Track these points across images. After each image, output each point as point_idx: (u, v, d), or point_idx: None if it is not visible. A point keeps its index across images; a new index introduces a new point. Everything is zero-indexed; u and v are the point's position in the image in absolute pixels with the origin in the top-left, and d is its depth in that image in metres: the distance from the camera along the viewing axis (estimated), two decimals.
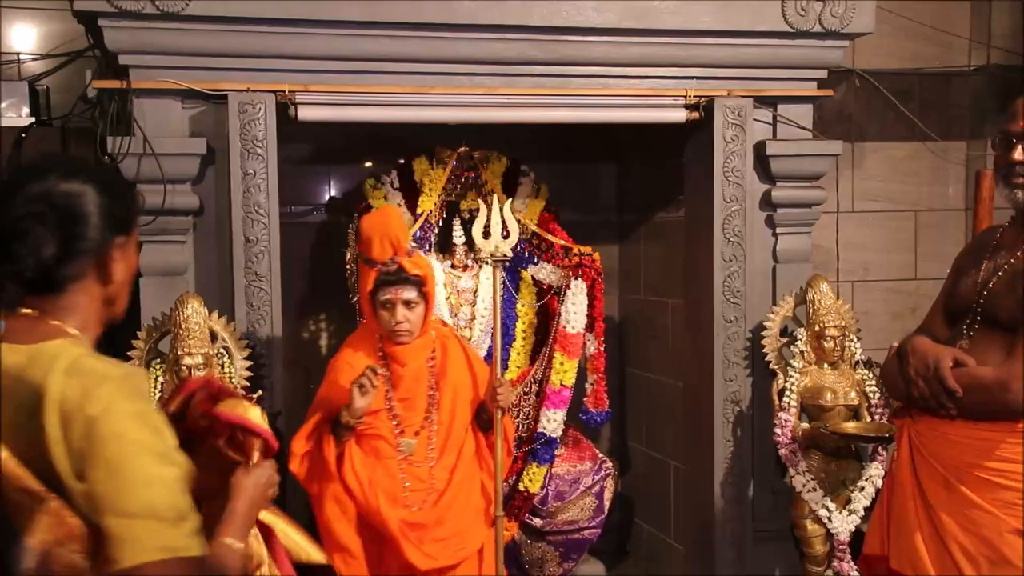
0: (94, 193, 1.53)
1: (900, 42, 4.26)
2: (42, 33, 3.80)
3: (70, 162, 1.59)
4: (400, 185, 3.84)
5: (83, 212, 1.52)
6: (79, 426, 1.39)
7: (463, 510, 2.95)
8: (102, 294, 1.58)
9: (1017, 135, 2.34)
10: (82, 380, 1.42)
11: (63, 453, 1.40)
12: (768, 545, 3.67)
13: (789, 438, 3.46)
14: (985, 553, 2.32)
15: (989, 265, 2.44)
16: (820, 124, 3.86)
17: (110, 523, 1.40)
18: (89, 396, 1.40)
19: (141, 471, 1.41)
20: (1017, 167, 2.33)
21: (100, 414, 1.40)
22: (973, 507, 2.34)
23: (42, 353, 1.46)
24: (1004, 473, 2.31)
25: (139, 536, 1.40)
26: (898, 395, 2.51)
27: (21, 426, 1.42)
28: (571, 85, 3.50)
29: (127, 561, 1.39)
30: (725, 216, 3.57)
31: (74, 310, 1.54)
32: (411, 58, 3.32)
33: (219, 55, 3.20)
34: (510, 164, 3.95)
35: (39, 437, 1.40)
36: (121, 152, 3.12)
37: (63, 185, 1.51)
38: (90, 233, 1.52)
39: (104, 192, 1.55)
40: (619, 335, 4.49)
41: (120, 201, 1.59)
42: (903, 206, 4.38)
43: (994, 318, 2.37)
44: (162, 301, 3.16)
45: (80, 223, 1.51)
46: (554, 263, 3.90)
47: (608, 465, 3.99)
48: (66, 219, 1.50)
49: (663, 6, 3.43)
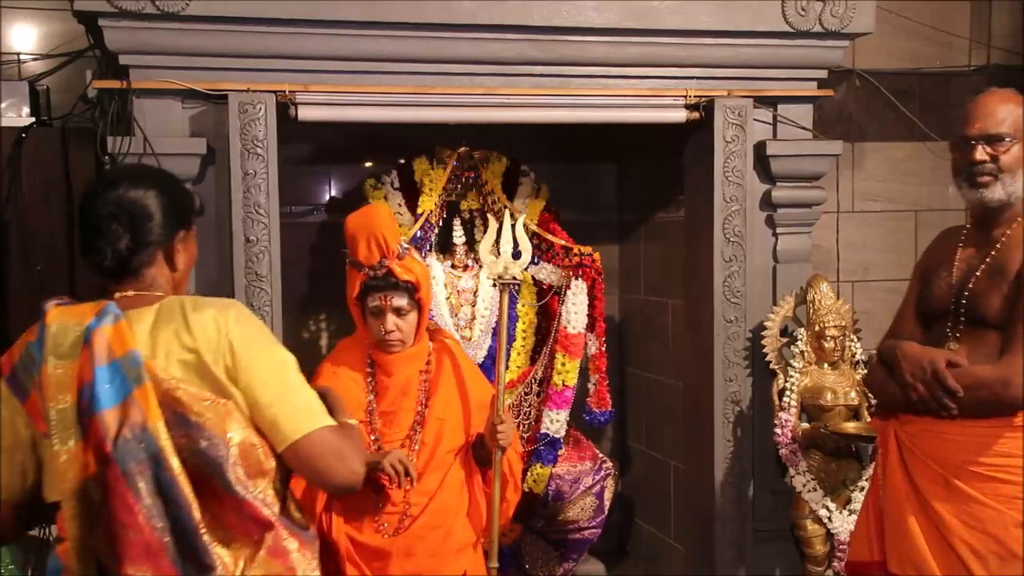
0: (157, 195, 1.87)
1: (900, 42, 4.26)
2: (42, 33, 3.80)
3: (138, 170, 1.99)
4: (400, 185, 3.85)
5: (148, 212, 1.86)
6: (225, 344, 1.77)
7: (439, 545, 2.65)
8: (170, 279, 1.92)
9: (975, 137, 2.44)
10: (211, 311, 1.80)
11: (221, 367, 1.77)
12: (768, 545, 3.67)
13: (789, 438, 3.46)
14: (993, 549, 2.34)
15: (961, 266, 2.50)
16: (820, 124, 3.86)
17: (272, 411, 1.79)
18: (224, 322, 1.79)
19: (279, 366, 1.83)
20: (978, 167, 2.43)
21: (236, 333, 1.79)
22: (975, 503, 2.35)
23: (165, 306, 1.83)
24: (1004, 468, 2.34)
25: (296, 414, 1.80)
26: (892, 401, 2.51)
27: (184, 361, 1.77)
28: (571, 85, 3.50)
29: (295, 434, 1.79)
30: (725, 216, 3.57)
31: (152, 288, 1.87)
32: (411, 58, 3.32)
33: (219, 55, 3.20)
34: (510, 164, 3.95)
35: (199, 361, 1.77)
36: (121, 152, 3.12)
37: (131, 191, 1.85)
38: (155, 228, 1.86)
39: (166, 194, 1.89)
40: (619, 335, 4.49)
41: (180, 202, 1.94)
42: (903, 206, 4.38)
43: (979, 317, 2.42)
44: None
45: (146, 221, 1.86)
46: (554, 263, 3.90)
47: (608, 465, 3.99)
48: (135, 218, 1.85)
49: (663, 6, 3.43)
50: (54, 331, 1.76)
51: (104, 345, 1.73)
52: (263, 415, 1.79)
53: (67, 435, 1.72)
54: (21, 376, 1.81)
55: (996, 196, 2.44)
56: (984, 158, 2.43)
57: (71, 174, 3.62)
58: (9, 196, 3.58)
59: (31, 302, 3.60)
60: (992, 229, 2.49)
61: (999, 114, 2.43)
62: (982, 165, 2.43)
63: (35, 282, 3.61)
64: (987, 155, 2.43)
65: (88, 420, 1.71)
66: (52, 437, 1.73)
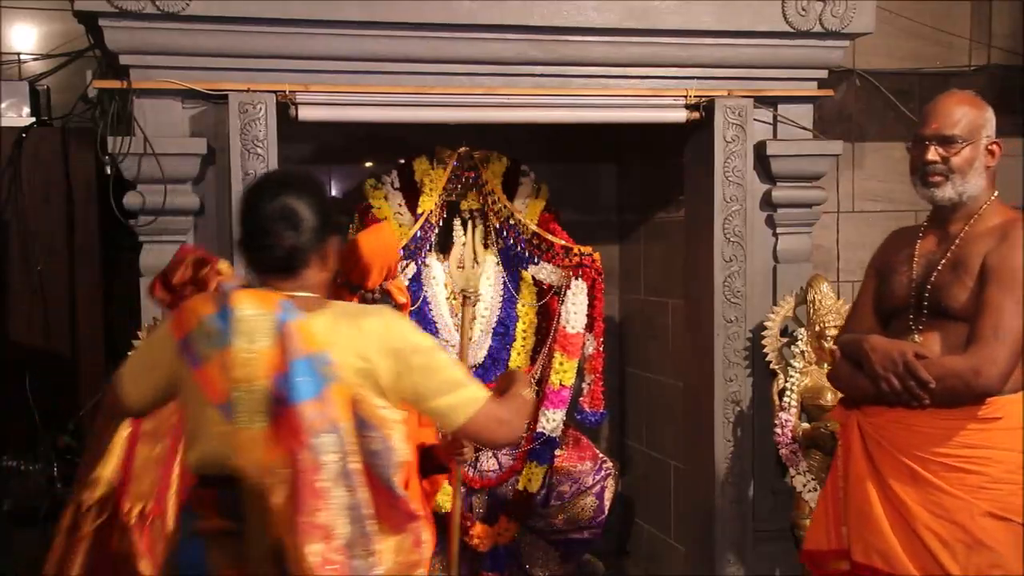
0: (320, 202, 2.03)
1: (900, 42, 4.26)
2: (42, 33, 3.80)
3: (302, 176, 2.11)
4: (400, 185, 3.85)
5: (312, 216, 1.99)
6: (389, 349, 1.95)
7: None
8: (323, 278, 2.06)
9: (928, 138, 2.51)
10: (375, 319, 1.99)
11: (387, 374, 1.94)
12: (768, 545, 3.67)
13: (789, 438, 3.46)
14: (960, 538, 2.38)
15: (921, 261, 2.57)
16: (820, 124, 3.86)
17: (436, 404, 2.01)
18: (385, 328, 1.98)
19: (430, 354, 2.01)
20: (930, 166, 2.51)
21: (397, 338, 1.98)
22: (942, 493, 2.40)
23: (336, 310, 2.01)
24: (970, 459, 2.40)
25: (460, 400, 2.02)
26: (861, 394, 2.55)
27: (358, 368, 1.93)
28: (571, 85, 3.50)
29: (461, 419, 2.03)
30: (725, 216, 3.57)
31: (305, 287, 2.01)
32: (411, 58, 3.32)
33: (219, 55, 3.20)
34: (510, 164, 3.95)
35: (370, 368, 1.94)
36: (121, 152, 3.12)
37: (293, 200, 1.99)
38: (314, 233, 2.00)
39: (325, 202, 2.05)
40: (619, 335, 4.49)
41: (335, 211, 2.10)
42: (903, 206, 4.37)
43: (942, 310, 2.48)
44: None
45: (310, 224, 1.99)
46: (554, 263, 3.90)
47: (608, 465, 3.99)
48: (302, 222, 1.98)
49: (663, 6, 3.43)
50: (241, 315, 1.90)
51: (299, 339, 1.89)
52: (429, 407, 2.03)
53: (254, 417, 1.87)
54: (198, 344, 1.93)
55: (946, 195, 2.51)
56: (935, 158, 2.50)
57: (71, 174, 3.63)
58: (9, 196, 3.58)
59: (31, 302, 3.62)
60: (949, 226, 2.56)
61: (954, 116, 2.50)
62: (933, 165, 2.50)
63: (35, 282, 3.61)
64: (938, 156, 2.50)
65: (284, 408, 1.85)
66: (235, 415, 1.88)
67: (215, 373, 1.90)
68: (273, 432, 1.86)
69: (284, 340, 1.88)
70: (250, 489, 1.86)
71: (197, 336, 1.93)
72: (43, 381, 3.57)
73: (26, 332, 3.63)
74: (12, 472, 3.44)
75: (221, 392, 1.89)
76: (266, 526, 1.85)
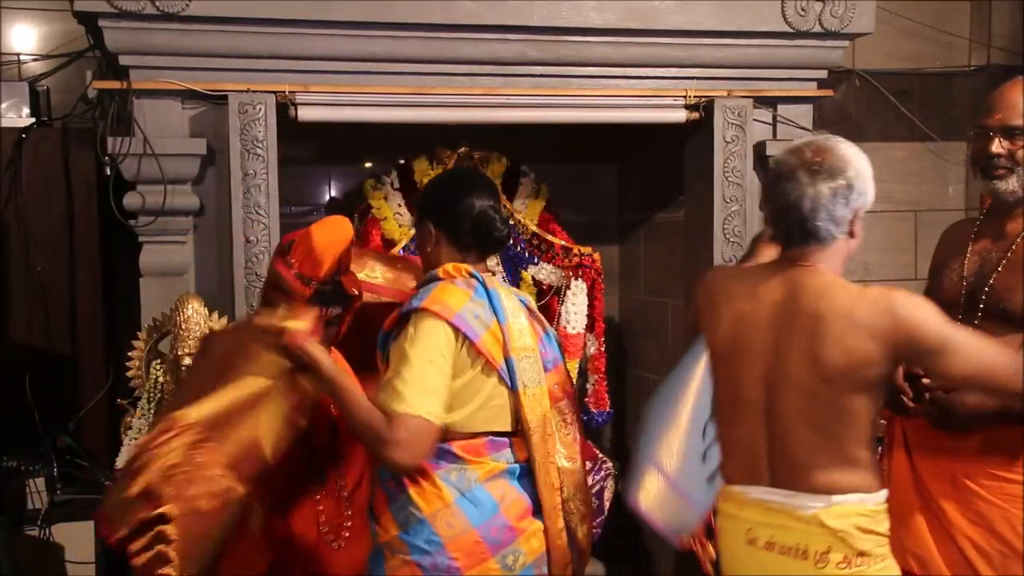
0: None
1: (900, 42, 4.26)
2: (42, 33, 3.80)
3: (483, 182, 2.51)
4: (400, 185, 3.84)
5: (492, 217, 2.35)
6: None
7: None
8: None
9: (994, 129, 2.40)
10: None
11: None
12: None
13: None
14: (997, 547, 2.35)
15: (974, 259, 2.47)
16: (820, 124, 3.86)
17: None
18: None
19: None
20: (995, 159, 2.40)
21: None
22: (982, 501, 2.36)
23: None
24: (1012, 468, 2.35)
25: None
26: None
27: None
28: (571, 85, 3.50)
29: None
30: (725, 216, 3.57)
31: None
32: (411, 58, 3.32)
33: (219, 55, 3.20)
34: (510, 164, 3.95)
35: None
36: (121, 153, 3.12)
37: (480, 201, 2.34)
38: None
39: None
40: (619, 335, 4.48)
41: None
42: (903, 206, 4.38)
43: (1000, 312, 2.38)
44: (162, 301, 3.17)
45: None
46: (554, 263, 3.90)
47: (608, 465, 3.99)
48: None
49: (663, 6, 3.43)
50: (498, 294, 2.29)
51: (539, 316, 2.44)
52: None
53: (535, 378, 2.28)
54: (471, 321, 2.22)
55: (1010, 189, 2.41)
56: (1000, 151, 2.40)
57: (71, 174, 3.63)
58: (9, 196, 3.58)
59: (31, 302, 3.62)
60: (1007, 222, 2.46)
61: (1020, 105, 2.39)
62: (997, 158, 2.40)
63: (35, 282, 3.61)
64: (1003, 148, 2.40)
65: (552, 367, 2.35)
66: (518, 379, 2.24)
67: (490, 342, 2.23)
68: (546, 388, 2.33)
69: (535, 316, 2.42)
70: (540, 435, 2.27)
71: (466, 314, 2.24)
72: (43, 381, 3.57)
73: (26, 332, 3.63)
74: (12, 472, 3.44)
75: (491, 356, 2.23)
76: (547, 464, 2.28)
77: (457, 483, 2.21)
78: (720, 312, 2.18)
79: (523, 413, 2.24)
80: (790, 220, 2.05)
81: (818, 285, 2.04)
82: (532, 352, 2.29)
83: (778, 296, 2.08)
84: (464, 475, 2.21)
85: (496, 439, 2.26)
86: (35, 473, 3.45)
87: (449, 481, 2.20)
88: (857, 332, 1.98)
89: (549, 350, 2.38)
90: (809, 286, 2.05)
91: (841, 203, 2.03)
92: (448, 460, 2.22)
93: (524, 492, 2.29)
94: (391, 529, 2.23)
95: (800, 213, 2.03)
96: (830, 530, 2.02)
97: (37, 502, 3.43)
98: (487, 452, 2.25)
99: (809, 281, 2.05)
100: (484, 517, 2.20)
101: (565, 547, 2.31)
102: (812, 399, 2.02)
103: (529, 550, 2.25)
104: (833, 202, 2.03)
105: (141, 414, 3.09)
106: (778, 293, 2.08)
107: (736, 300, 2.15)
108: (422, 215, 2.42)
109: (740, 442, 2.15)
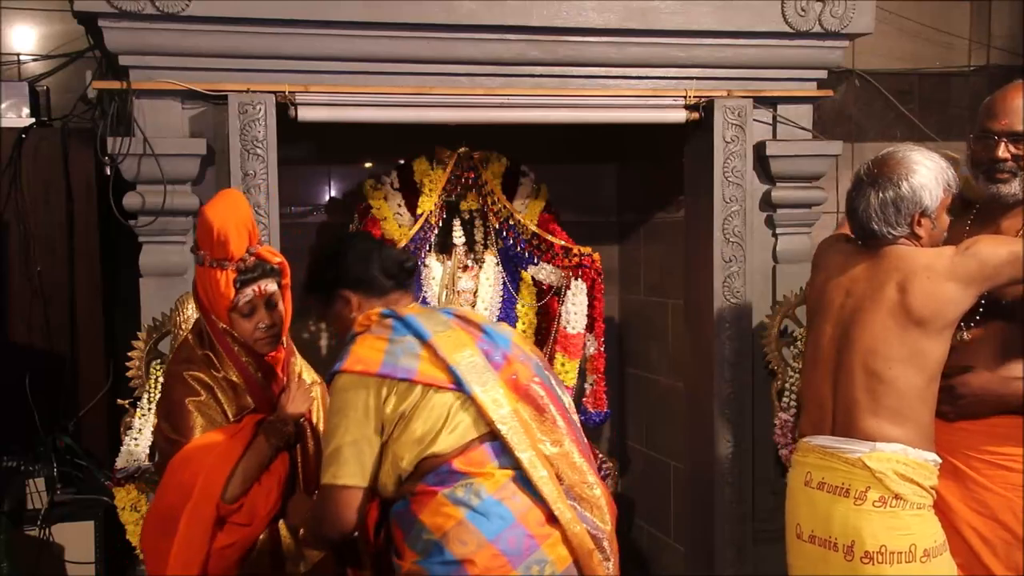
0: None
1: (900, 42, 4.26)
2: (42, 34, 3.80)
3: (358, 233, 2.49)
4: (400, 186, 3.85)
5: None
6: None
7: None
8: None
9: (999, 133, 2.43)
10: None
11: None
12: (768, 545, 3.66)
13: (789, 438, 3.46)
14: (1002, 536, 2.39)
15: None
16: (820, 124, 3.86)
17: None
18: None
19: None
20: (1000, 164, 2.43)
21: None
22: (985, 490, 2.40)
23: None
24: (1014, 457, 2.39)
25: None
26: None
27: None
28: (571, 85, 3.50)
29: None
30: (725, 216, 3.57)
31: None
32: (411, 58, 3.32)
33: (219, 55, 3.20)
34: (510, 164, 3.95)
35: None
36: (121, 153, 3.12)
37: (371, 244, 2.47)
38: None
39: None
40: (619, 335, 4.49)
41: None
42: None
43: (999, 309, 2.42)
44: (162, 301, 3.16)
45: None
46: (554, 263, 3.90)
47: (608, 465, 4.00)
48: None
49: (663, 6, 3.43)
50: (414, 317, 2.27)
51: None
52: None
53: (485, 378, 2.19)
54: (400, 362, 2.18)
55: (1013, 191, 2.45)
56: (1006, 156, 2.43)
57: (71, 174, 3.63)
58: (9, 196, 3.59)
59: (31, 302, 3.62)
60: (1002, 220, 2.49)
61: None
62: (1003, 163, 2.43)
63: (35, 282, 3.61)
64: (1008, 153, 2.42)
65: (502, 361, 2.24)
66: (467, 386, 2.16)
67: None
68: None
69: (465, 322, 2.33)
70: (513, 429, 2.19)
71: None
72: (43, 381, 3.57)
73: (26, 332, 3.63)
74: (12, 472, 3.44)
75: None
76: (544, 456, 2.19)
77: (465, 499, 2.13)
78: (815, 279, 2.60)
79: (487, 415, 2.16)
80: (855, 223, 2.44)
81: (899, 252, 2.37)
82: (473, 355, 2.21)
83: (861, 266, 2.42)
84: (471, 489, 2.13)
85: (494, 442, 2.18)
86: (35, 473, 3.45)
87: (456, 498, 2.13)
88: (938, 278, 2.29)
89: (492, 346, 2.27)
90: (891, 255, 2.38)
91: (892, 211, 2.34)
92: (452, 479, 2.15)
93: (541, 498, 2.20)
94: (410, 558, 2.17)
95: (860, 218, 2.40)
96: (870, 471, 2.30)
97: (37, 502, 3.43)
98: (490, 460, 2.17)
99: (891, 251, 2.39)
100: (499, 528, 2.12)
101: (587, 543, 2.21)
102: (883, 354, 2.32)
103: (556, 558, 2.15)
104: (884, 210, 2.35)
105: (141, 414, 3.08)
106: (861, 264, 2.42)
107: (828, 269, 2.54)
108: (331, 290, 2.39)
109: (815, 397, 2.48)
